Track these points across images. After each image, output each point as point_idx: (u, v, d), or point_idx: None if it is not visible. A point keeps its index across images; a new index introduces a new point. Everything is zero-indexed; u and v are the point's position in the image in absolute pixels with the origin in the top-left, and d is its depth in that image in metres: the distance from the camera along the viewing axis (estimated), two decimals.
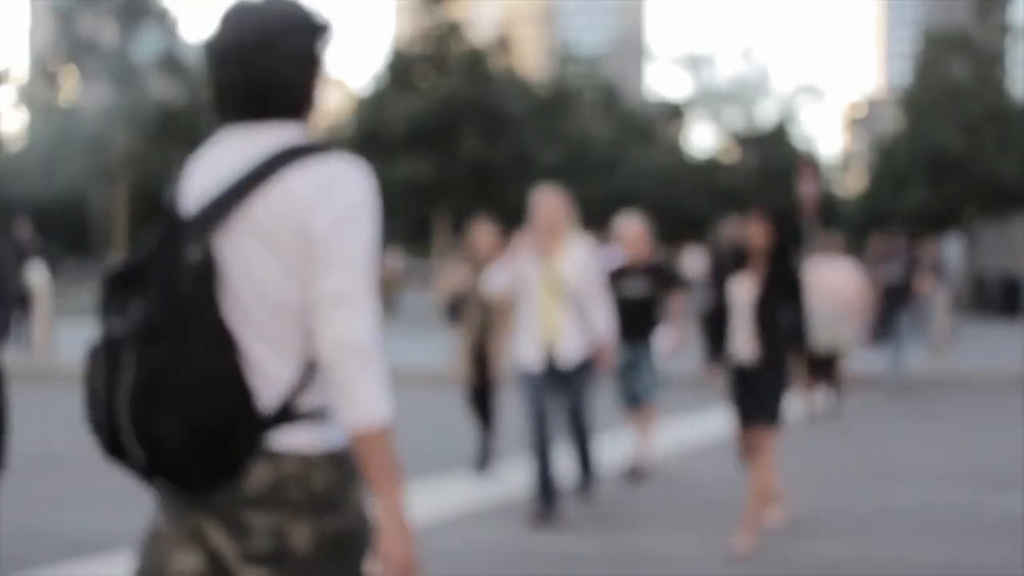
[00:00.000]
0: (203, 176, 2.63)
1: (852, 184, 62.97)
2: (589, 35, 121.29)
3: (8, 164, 52.35)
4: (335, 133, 52.81)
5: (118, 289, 2.54)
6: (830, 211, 53.25)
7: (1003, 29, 49.98)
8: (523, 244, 8.03)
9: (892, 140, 52.65)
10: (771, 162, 52.81)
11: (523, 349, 7.99)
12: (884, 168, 52.01)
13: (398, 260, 41.68)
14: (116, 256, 40.75)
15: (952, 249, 32.49)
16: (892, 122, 57.01)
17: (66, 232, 55.14)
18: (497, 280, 8.15)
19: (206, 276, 2.49)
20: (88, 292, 39.48)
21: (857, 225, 51.05)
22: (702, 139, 59.03)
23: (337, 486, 2.55)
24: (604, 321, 8.06)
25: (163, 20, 53.41)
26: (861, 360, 17.31)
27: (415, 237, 53.99)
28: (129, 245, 42.20)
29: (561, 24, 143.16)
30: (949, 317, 18.33)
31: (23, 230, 20.08)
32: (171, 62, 53.08)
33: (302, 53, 2.62)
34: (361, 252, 2.51)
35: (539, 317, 7.98)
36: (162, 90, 52.71)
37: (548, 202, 8.11)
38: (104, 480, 9.38)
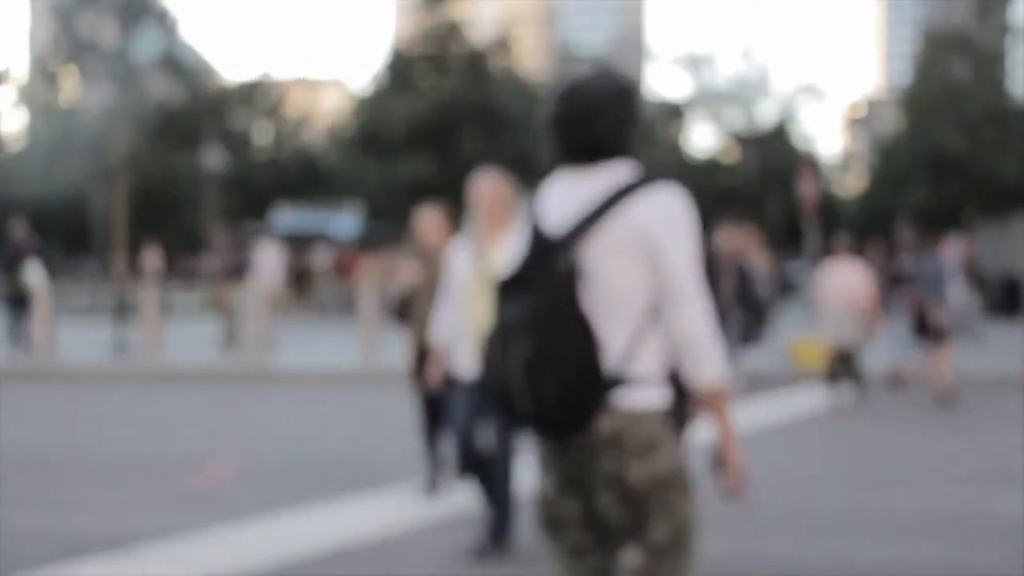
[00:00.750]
0: (558, 204, 3.56)
1: (852, 184, 62.96)
2: (589, 35, 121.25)
3: (8, 164, 52.33)
4: (335, 133, 52.82)
5: (507, 289, 3.50)
6: (830, 211, 53.24)
7: (1003, 29, 50.00)
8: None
9: (892, 140, 52.66)
10: (771, 162, 52.82)
11: (456, 356, 7.10)
12: (884, 168, 52.03)
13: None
14: (116, 256, 40.77)
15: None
16: (892, 122, 57.02)
17: (66, 232, 55.11)
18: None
19: (572, 280, 3.42)
20: (88, 292, 39.48)
21: (857, 225, 51.06)
22: (702, 139, 58.96)
23: (660, 434, 3.48)
24: None
25: (163, 20, 53.42)
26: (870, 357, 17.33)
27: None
28: (129, 245, 42.18)
29: (561, 24, 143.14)
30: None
31: (20, 230, 20.07)
32: (171, 62, 53.08)
33: (620, 115, 3.58)
34: (691, 260, 3.46)
35: (474, 320, 6.92)
36: (162, 90, 52.70)
37: (487, 187, 7.08)
38: (103, 480, 9.38)
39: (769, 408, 14.04)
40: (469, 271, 7.03)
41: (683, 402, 4.49)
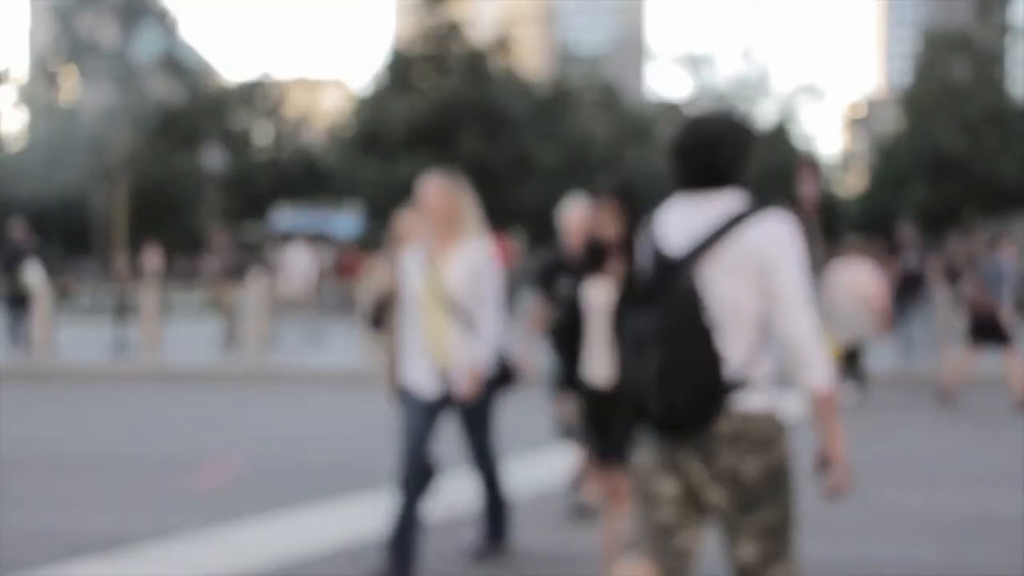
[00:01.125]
0: (677, 226, 4.03)
1: (852, 184, 62.97)
2: (589, 35, 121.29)
3: (8, 164, 52.33)
4: (335, 133, 52.81)
5: (636, 303, 3.99)
6: (830, 211, 53.23)
7: (1003, 29, 50.01)
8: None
9: (892, 140, 52.68)
10: (771, 162, 52.81)
11: (410, 370, 6.59)
12: (884, 168, 52.04)
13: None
14: (116, 256, 40.74)
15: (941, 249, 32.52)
16: (892, 122, 57.04)
17: (66, 232, 55.11)
18: None
19: (695, 296, 3.88)
20: (88, 292, 39.48)
21: (857, 225, 51.05)
22: None
23: (772, 433, 3.96)
24: (486, 344, 6.50)
25: (163, 20, 53.41)
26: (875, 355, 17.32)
27: None
28: (129, 245, 42.17)
29: (561, 24, 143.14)
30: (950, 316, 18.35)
31: (19, 230, 20.08)
32: (171, 62, 53.07)
33: (738, 148, 4.10)
34: (800, 278, 3.89)
35: (427, 334, 6.54)
36: (162, 90, 52.69)
37: (432, 193, 6.55)
38: (104, 480, 9.38)
39: None
40: (420, 282, 6.55)
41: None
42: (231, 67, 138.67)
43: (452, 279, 6.49)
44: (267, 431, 12.40)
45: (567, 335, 5.96)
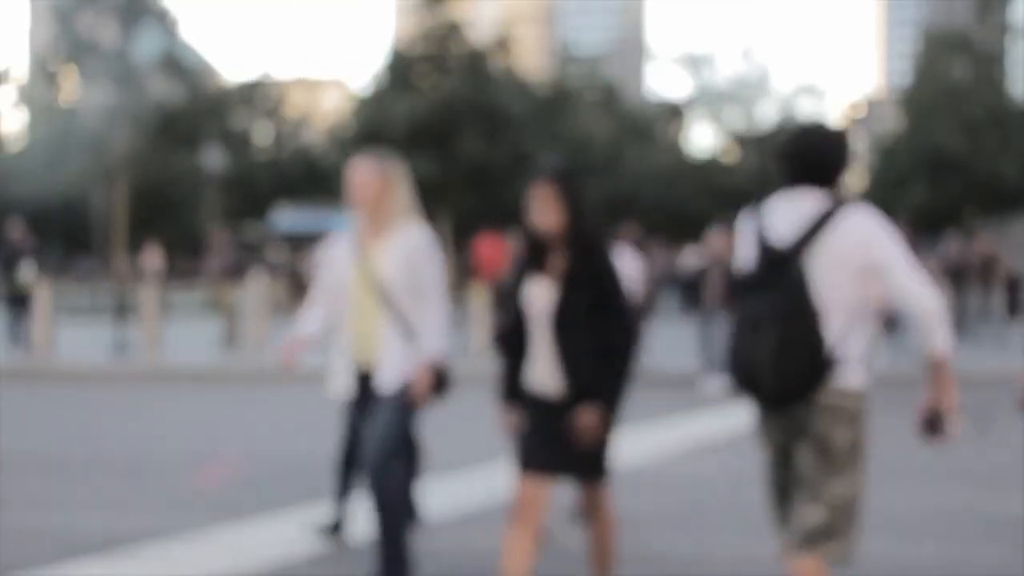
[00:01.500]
0: (780, 221, 4.56)
1: (852, 184, 62.97)
2: (589, 35, 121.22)
3: (8, 164, 52.32)
4: (335, 133, 52.79)
5: (749, 288, 4.52)
6: None
7: (1003, 29, 50.00)
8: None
9: (892, 140, 52.67)
10: (771, 162, 52.81)
11: (335, 369, 6.20)
12: (884, 168, 52.03)
13: None
14: (116, 256, 40.75)
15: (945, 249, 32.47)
16: (892, 122, 57.05)
17: (66, 232, 55.09)
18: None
19: (804, 283, 4.41)
20: (88, 292, 39.50)
21: None
22: (702, 139, 59.02)
23: (860, 409, 4.51)
24: (433, 337, 5.99)
25: (163, 20, 53.37)
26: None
27: None
28: (129, 245, 42.17)
29: (561, 24, 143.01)
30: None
31: (18, 230, 20.10)
32: (171, 62, 53.03)
33: (841, 155, 4.66)
34: (904, 256, 4.44)
35: (354, 328, 6.06)
36: (162, 90, 52.66)
37: (361, 178, 6.09)
38: (103, 480, 9.38)
39: None
40: (349, 272, 6.09)
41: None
42: (231, 67, 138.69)
43: (383, 269, 5.99)
44: (267, 431, 12.40)
45: (511, 341, 5.40)
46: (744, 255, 4.64)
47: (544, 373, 5.28)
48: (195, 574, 6.50)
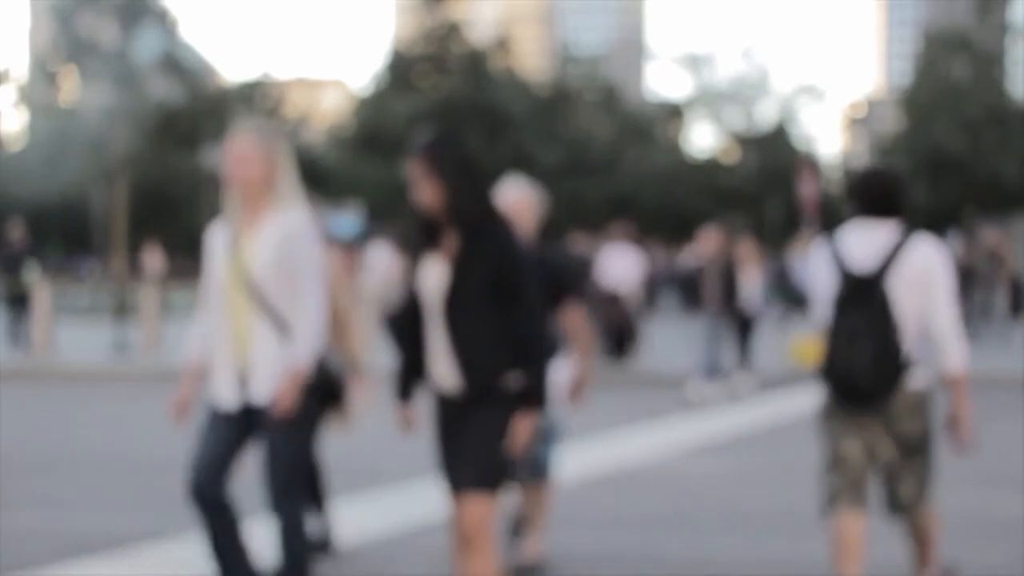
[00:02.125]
0: (857, 248, 5.39)
1: None
2: (589, 35, 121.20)
3: (8, 164, 52.32)
4: (335, 133, 52.79)
5: (843, 305, 5.35)
6: (830, 211, 53.28)
7: (1003, 29, 49.99)
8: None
9: (892, 140, 52.67)
10: (771, 162, 52.80)
11: (212, 375, 5.41)
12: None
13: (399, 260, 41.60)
14: (116, 256, 40.75)
15: (951, 249, 32.47)
16: (892, 122, 57.03)
17: (66, 232, 55.10)
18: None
19: (888, 302, 5.29)
20: (88, 292, 39.47)
21: None
22: (702, 139, 58.94)
23: (929, 405, 5.45)
24: (302, 343, 5.21)
25: (163, 20, 53.39)
26: None
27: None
28: (129, 245, 42.15)
29: (561, 24, 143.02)
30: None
31: (17, 231, 20.12)
32: (171, 62, 53.04)
33: (902, 192, 5.50)
34: (949, 290, 5.34)
35: (229, 329, 5.31)
36: (162, 90, 52.66)
37: (242, 149, 5.33)
38: (103, 480, 9.37)
39: (769, 408, 14.04)
40: (222, 265, 5.32)
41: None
42: (231, 67, 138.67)
43: (254, 261, 5.23)
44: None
45: (407, 330, 4.84)
46: (822, 277, 5.48)
47: (441, 367, 4.76)
48: (195, 574, 6.49)
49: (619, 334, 18.59)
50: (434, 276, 4.71)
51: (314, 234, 5.36)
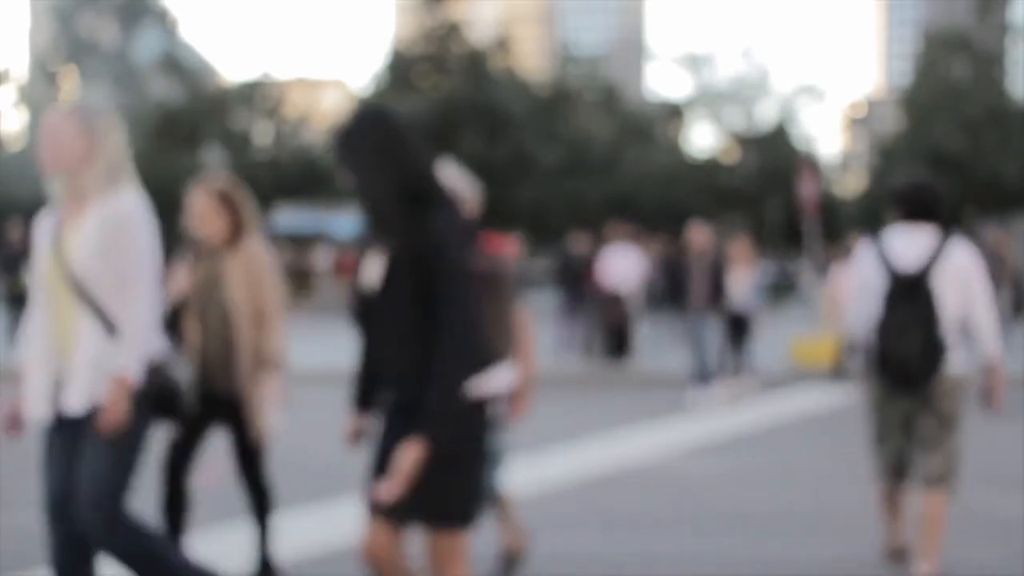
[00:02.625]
0: (902, 250, 6.30)
1: (852, 184, 62.94)
2: (589, 35, 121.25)
3: (8, 164, 52.34)
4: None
5: (893, 300, 6.25)
6: (830, 211, 53.25)
7: (1003, 29, 49.99)
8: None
9: (892, 140, 52.65)
10: (771, 162, 52.78)
11: (28, 382, 4.79)
12: (884, 168, 52.01)
13: None
14: None
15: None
16: (892, 122, 57.02)
17: None
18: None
19: (933, 299, 6.21)
20: None
21: (857, 225, 51.03)
22: (702, 139, 58.89)
23: (963, 388, 6.35)
24: (128, 345, 4.63)
25: (163, 20, 53.41)
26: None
27: None
28: None
29: (561, 24, 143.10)
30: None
31: (17, 231, 20.13)
32: (171, 62, 53.06)
33: (942, 200, 6.39)
34: (985, 288, 6.32)
35: (48, 327, 4.74)
36: (162, 90, 52.68)
37: (58, 128, 4.66)
38: None
39: (769, 408, 14.04)
40: (43, 257, 4.74)
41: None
42: (231, 67, 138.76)
43: (77, 252, 4.64)
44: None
45: (365, 329, 4.23)
46: (868, 275, 6.40)
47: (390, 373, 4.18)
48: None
49: (619, 334, 18.58)
50: (373, 272, 4.15)
51: (145, 220, 4.69)
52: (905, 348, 6.21)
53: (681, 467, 10.13)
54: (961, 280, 6.27)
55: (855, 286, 6.49)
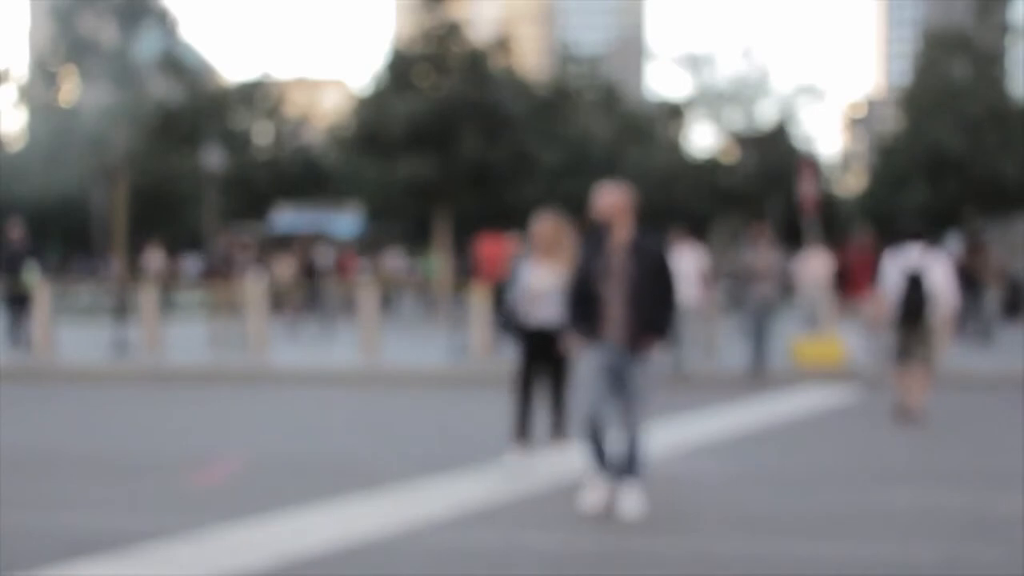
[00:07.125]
0: (908, 258, 12.63)
1: (852, 184, 62.96)
2: (589, 35, 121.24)
3: (8, 164, 52.31)
4: (335, 133, 52.80)
5: (907, 286, 12.64)
6: (830, 211, 53.23)
7: (1003, 29, 49.98)
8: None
9: (892, 140, 52.66)
10: (771, 162, 52.78)
11: None
12: (884, 168, 52.03)
13: (399, 260, 41.60)
14: (116, 256, 40.67)
15: (951, 249, 32.46)
16: (892, 122, 57.01)
17: (66, 232, 55.07)
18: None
19: (925, 283, 12.59)
20: (88, 292, 39.47)
21: (859, 224, 51.01)
22: (702, 139, 58.88)
23: (934, 321, 12.93)
24: None
25: (163, 20, 53.37)
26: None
27: (415, 237, 54.06)
28: (129, 245, 42.12)
29: (561, 24, 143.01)
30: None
31: (17, 231, 20.12)
32: (171, 62, 53.02)
33: (926, 229, 13.79)
34: (947, 271, 12.93)
35: None
36: (162, 90, 52.64)
37: None
38: (103, 480, 9.38)
39: (769, 408, 14.05)
40: None
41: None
42: (231, 67, 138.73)
43: None
44: (267, 431, 12.41)
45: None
46: (891, 272, 12.40)
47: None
48: (196, 574, 6.50)
49: None
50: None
51: None
52: (911, 306, 12.37)
53: (681, 467, 10.14)
54: (936, 271, 12.43)
55: (888, 275, 12.51)
